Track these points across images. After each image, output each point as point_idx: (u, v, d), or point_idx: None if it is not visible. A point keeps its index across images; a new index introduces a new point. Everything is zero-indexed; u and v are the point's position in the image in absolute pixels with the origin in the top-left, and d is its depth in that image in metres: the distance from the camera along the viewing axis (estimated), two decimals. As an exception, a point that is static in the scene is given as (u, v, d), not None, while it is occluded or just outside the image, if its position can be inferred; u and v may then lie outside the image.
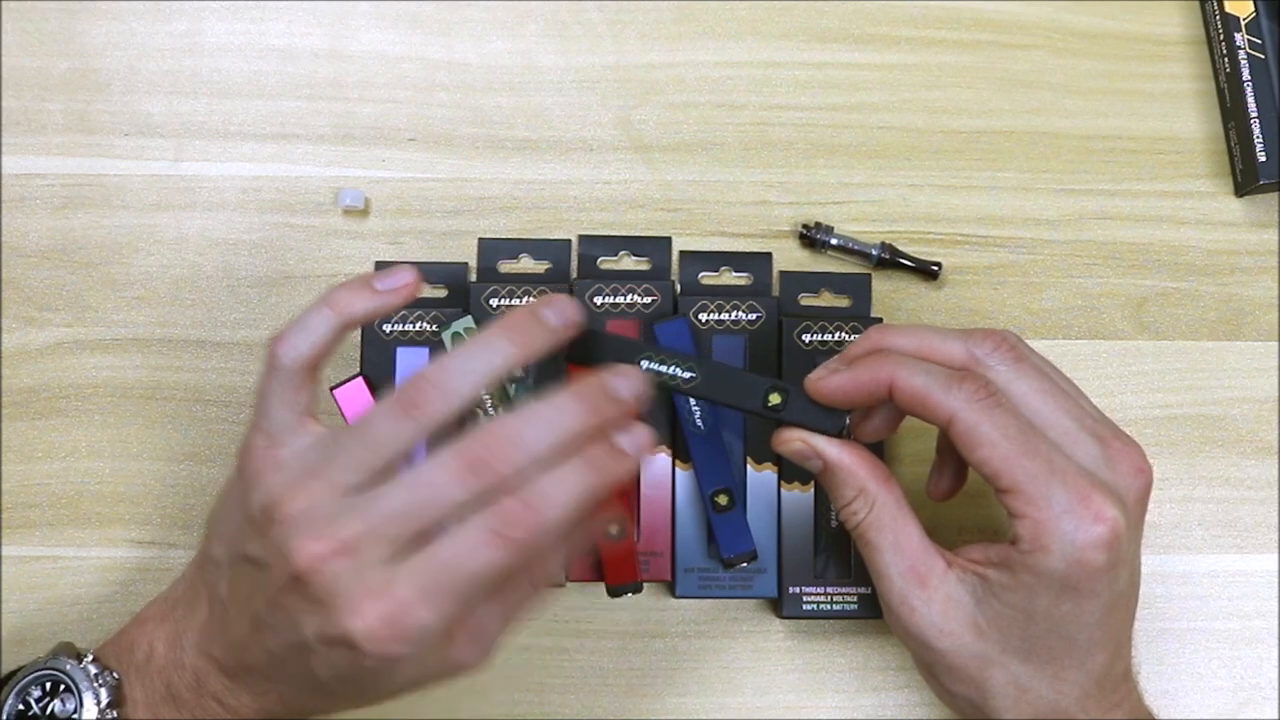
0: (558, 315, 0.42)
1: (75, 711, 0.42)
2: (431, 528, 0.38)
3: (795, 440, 0.45)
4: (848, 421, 0.45)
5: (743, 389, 0.45)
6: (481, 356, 0.40)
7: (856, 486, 0.45)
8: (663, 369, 0.45)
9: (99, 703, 0.42)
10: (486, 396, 0.52)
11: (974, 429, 0.42)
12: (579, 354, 0.45)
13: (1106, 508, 0.41)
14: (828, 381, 0.44)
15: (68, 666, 0.43)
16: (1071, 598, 0.42)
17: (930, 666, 0.45)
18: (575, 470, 0.39)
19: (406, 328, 0.53)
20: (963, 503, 0.54)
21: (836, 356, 0.46)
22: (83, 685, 0.42)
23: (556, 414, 0.40)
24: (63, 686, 0.43)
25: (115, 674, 0.43)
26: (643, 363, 0.45)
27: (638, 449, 0.41)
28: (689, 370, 0.45)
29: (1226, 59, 0.58)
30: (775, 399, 0.45)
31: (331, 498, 0.39)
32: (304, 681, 0.41)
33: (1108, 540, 0.41)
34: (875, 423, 0.46)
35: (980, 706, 0.44)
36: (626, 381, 0.41)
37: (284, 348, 0.42)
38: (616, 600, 0.54)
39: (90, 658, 0.44)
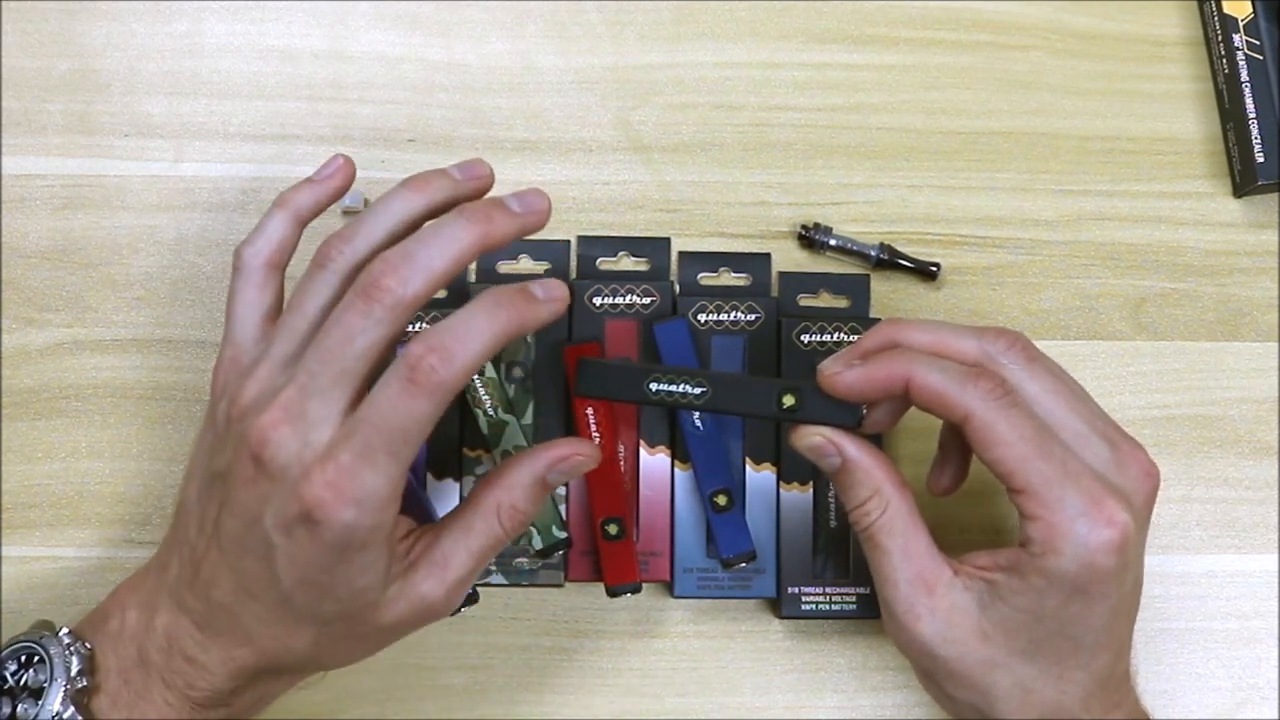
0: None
1: (47, 681, 0.42)
2: (358, 369, 0.40)
3: (815, 435, 0.45)
4: (864, 412, 0.45)
5: (754, 396, 0.46)
6: (383, 217, 0.43)
7: (872, 487, 0.44)
8: (673, 389, 0.46)
9: (69, 671, 0.42)
10: (486, 397, 0.52)
11: (990, 428, 0.42)
12: (584, 385, 0.46)
13: (1118, 511, 0.42)
14: (843, 377, 0.44)
15: (42, 638, 0.43)
16: (1080, 600, 0.42)
17: (932, 674, 0.45)
18: (483, 308, 0.40)
19: (406, 328, 0.53)
20: (964, 502, 0.54)
21: (848, 349, 0.46)
22: (55, 655, 0.43)
23: (452, 234, 0.41)
24: (37, 658, 0.43)
25: (88, 644, 0.44)
26: (651, 386, 0.46)
27: (550, 295, 0.41)
28: (699, 385, 0.46)
29: (1225, 60, 0.58)
30: (789, 400, 0.45)
31: (275, 374, 0.41)
32: (272, 604, 0.41)
33: (1119, 544, 0.42)
34: (879, 415, 0.46)
35: (984, 711, 0.44)
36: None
37: (247, 250, 0.45)
38: (616, 600, 0.54)
39: (65, 630, 0.44)
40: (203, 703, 0.43)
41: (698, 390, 0.46)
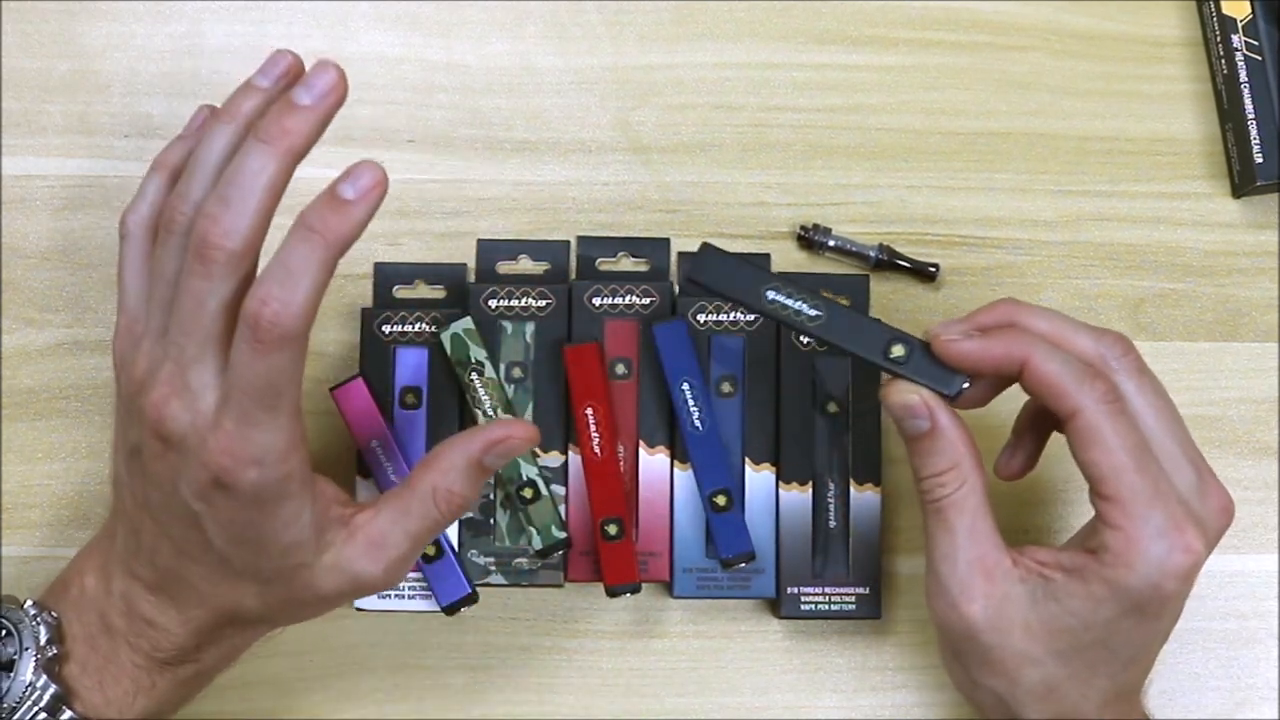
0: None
1: (16, 653, 0.43)
2: (219, 329, 0.39)
3: (913, 394, 0.44)
4: (966, 385, 0.45)
5: (865, 336, 0.45)
6: (210, 162, 0.41)
7: (954, 460, 0.44)
8: (789, 303, 0.45)
9: (38, 640, 0.43)
10: (485, 397, 0.52)
11: (1095, 430, 0.42)
12: (699, 272, 0.44)
13: (1195, 540, 0.42)
14: (960, 345, 0.44)
15: (7, 611, 0.44)
16: (1134, 617, 0.43)
17: (965, 656, 0.45)
18: (298, 240, 0.38)
19: (405, 329, 0.54)
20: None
21: (961, 320, 0.45)
22: (22, 627, 0.43)
23: (258, 164, 0.39)
24: (5, 631, 0.43)
25: (54, 614, 0.44)
26: (768, 294, 0.44)
27: (361, 190, 0.39)
28: (815, 309, 0.45)
29: (1224, 60, 0.58)
30: (898, 351, 0.45)
31: (155, 346, 0.41)
32: (213, 565, 0.42)
33: (1188, 572, 0.42)
34: (976, 391, 0.46)
35: (1005, 701, 0.44)
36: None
37: (130, 216, 0.44)
38: (615, 600, 0.54)
39: (30, 601, 0.44)
40: (170, 661, 0.44)
41: (813, 312, 0.44)
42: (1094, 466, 0.42)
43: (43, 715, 0.42)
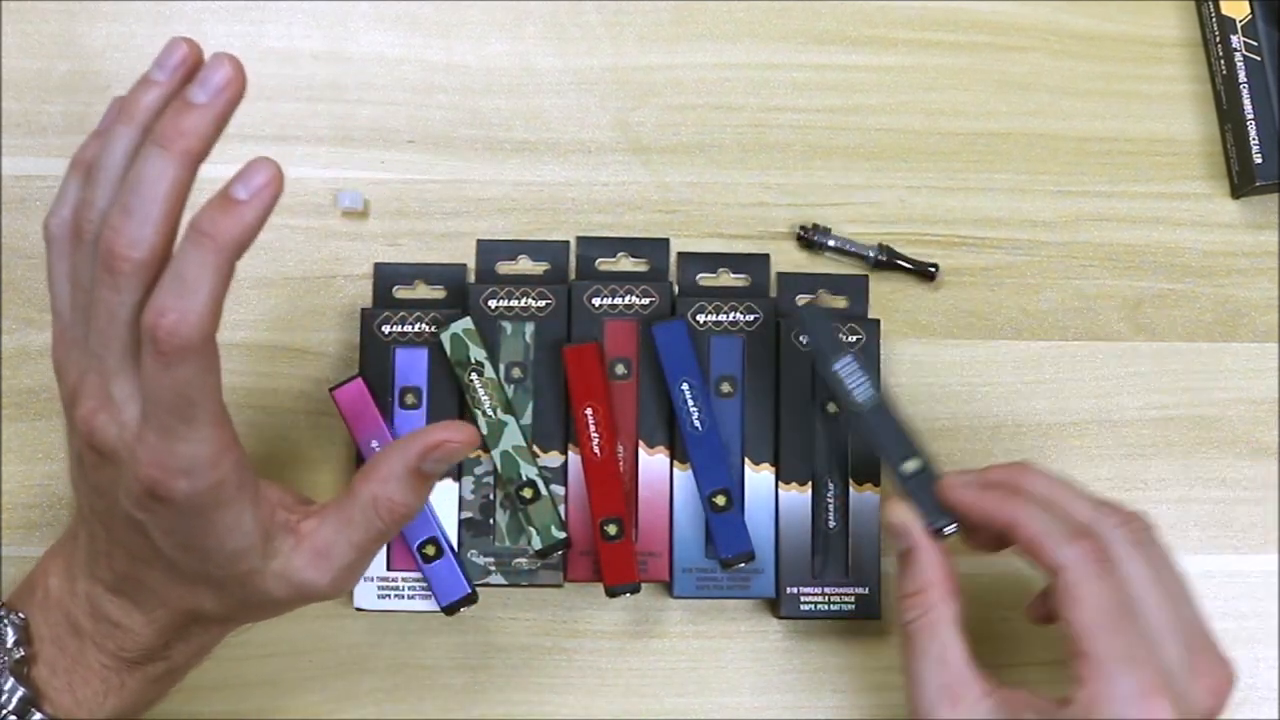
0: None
1: None
2: (135, 337, 0.38)
3: (903, 516, 0.47)
4: (953, 529, 0.47)
5: (892, 439, 0.49)
6: (114, 166, 0.40)
7: (921, 585, 0.46)
8: (850, 380, 0.49)
9: (5, 643, 0.43)
10: (485, 397, 0.52)
11: (1074, 587, 0.43)
12: (801, 322, 0.52)
13: (1164, 713, 0.42)
14: (957, 492, 0.47)
15: None
16: None
17: None
18: (190, 247, 0.37)
19: (405, 329, 0.54)
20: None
21: (976, 471, 0.48)
22: None
23: (156, 171, 0.38)
24: None
25: (21, 614, 0.44)
26: (836, 363, 0.49)
27: (254, 189, 0.38)
28: (864, 396, 0.49)
29: (1223, 61, 0.58)
30: (910, 466, 0.48)
31: (82, 355, 0.40)
32: (165, 570, 0.42)
33: None
34: (983, 539, 0.48)
35: None
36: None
37: (52, 220, 0.42)
38: (614, 600, 0.54)
39: None
40: (138, 660, 0.44)
41: (860, 399, 0.49)
42: (1070, 624, 0.43)
43: (12, 719, 0.42)
